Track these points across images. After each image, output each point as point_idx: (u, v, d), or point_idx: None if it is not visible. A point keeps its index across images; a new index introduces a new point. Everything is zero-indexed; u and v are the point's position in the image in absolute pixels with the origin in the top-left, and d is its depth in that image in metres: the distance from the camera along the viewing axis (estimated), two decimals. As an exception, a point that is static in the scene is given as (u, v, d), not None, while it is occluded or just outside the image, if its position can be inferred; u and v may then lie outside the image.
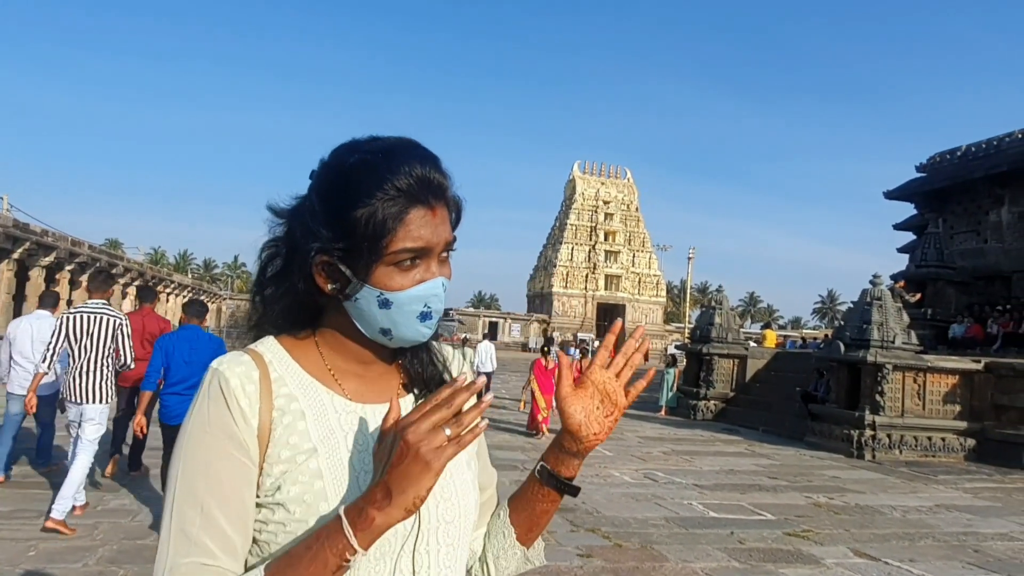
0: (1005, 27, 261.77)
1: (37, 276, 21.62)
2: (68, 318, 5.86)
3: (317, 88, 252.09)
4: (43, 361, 5.83)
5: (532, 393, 12.56)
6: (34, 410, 6.19)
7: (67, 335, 5.79)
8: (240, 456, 0.91)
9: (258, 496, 0.92)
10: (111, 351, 5.88)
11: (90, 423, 5.71)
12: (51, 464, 7.30)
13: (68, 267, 23.22)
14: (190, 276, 64.60)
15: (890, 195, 23.33)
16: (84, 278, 25.88)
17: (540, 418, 12.33)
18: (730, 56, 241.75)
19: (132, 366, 6.12)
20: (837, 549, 6.31)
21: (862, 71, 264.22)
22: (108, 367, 5.83)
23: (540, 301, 65.54)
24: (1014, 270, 18.89)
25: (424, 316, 0.97)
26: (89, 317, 5.87)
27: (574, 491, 1.10)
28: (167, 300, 37.71)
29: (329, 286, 0.97)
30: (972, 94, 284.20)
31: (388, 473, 0.83)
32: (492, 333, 59.36)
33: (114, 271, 27.42)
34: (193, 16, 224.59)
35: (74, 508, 5.57)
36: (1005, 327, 16.60)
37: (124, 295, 30.19)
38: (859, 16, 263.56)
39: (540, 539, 1.17)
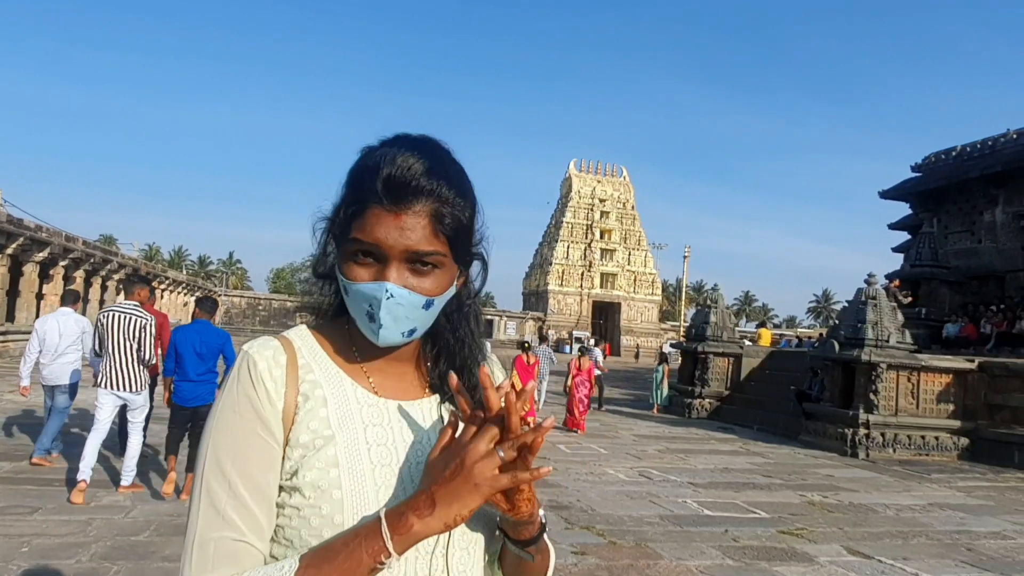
0: (1001, 27, 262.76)
1: (31, 272, 21.51)
2: (103, 316, 6.59)
3: (313, 85, 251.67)
4: (88, 351, 7.20)
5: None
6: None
7: (101, 330, 6.54)
8: (266, 436, 0.93)
9: (282, 477, 0.95)
10: (137, 347, 6.53)
11: (139, 409, 6.66)
12: (41, 456, 7.33)
13: (62, 263, 23.07)
14: (185, 273, 64.44)
15: (885, 195, 23.41)
16: (116, 278, 25.86)
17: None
18: (726, 55, 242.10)
19: (154, 361, 6.75)
20: (831, 547, 6.33)
21: (858, 70, 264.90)
22: (137, 360, 6.55)
23: (536, 299, 65.53)
24: (1008, 270, 18.97)
25: (369, 317, 0.96)
26: (121, 316, 6.52)
27: (540, 536, 1.01)
28: (162, 296, 37.61)
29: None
30: (968, 94, 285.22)
31: (438, 486, 0.86)
32: (488, 331, 59.34)
33: (109, 267, 27.31)
34: (188, 12, 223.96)
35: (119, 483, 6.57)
36: (999, 326, 16.67)
37: (119, 291, 30.10)
38: (855, 15, 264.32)
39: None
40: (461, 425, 0.93)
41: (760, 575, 5.43)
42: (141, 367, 6.55)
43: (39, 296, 22.58)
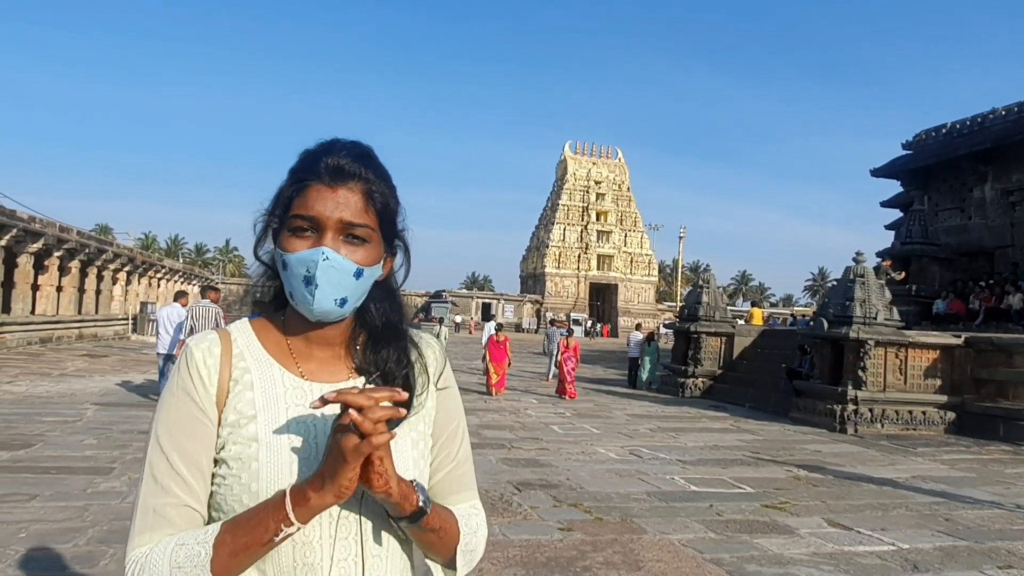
0: (992, 4, 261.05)
1: (25, 263, 21.50)
2: (192, 309, 10.38)
3: (308, 70, 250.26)
4: (181, 333, 10.46)
5: (486, 363, 15.63)
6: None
7: (191, 319, 10.12)
8: (199, 415, 1.08)
9: (215, 452, 1.09)
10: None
11: None
12: None
13: (57, 253, 23.07)
14: (181, 261, 64.39)
15: (877, 173, 23.49)
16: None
17: (492, 383, 15.37)
18: (720, 36, 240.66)
19: None
20: (812, 520, 6.48)
21: (850, 49, 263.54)
22: None
23: (533, 282, 65.63)
24: (997, 246, 19.11)
25: (307, 281, 1.06)
26: (204, 308, 10.25)
27: (418, 516, 1.08)
28: (158, 285, 37.67)
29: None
30: (958, 71, 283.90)
31: (324, 463, 0.99)
32: (486, 314, 59.51)
33: (104, 257, 27.33)
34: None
35: None
36: (987, 302, 16.82)
37: (115, 280, 30.15)
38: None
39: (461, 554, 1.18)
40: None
41: (741, 547, 5.58)
42: None
43: (35, 287, 22.60)
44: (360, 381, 1.16)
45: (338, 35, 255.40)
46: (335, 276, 1.07)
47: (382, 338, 1.18)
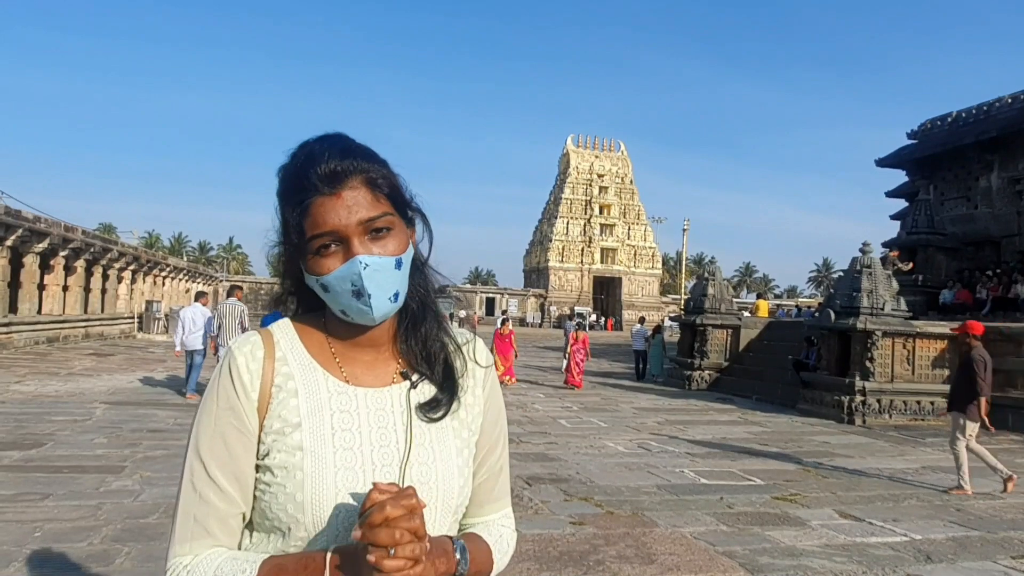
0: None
1: (31, 263, 21.52)
2: (220, 307, 11.52)
3: (310, 69, 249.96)
4: (211, 330, 11.61)
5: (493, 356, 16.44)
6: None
7: (219, 316, 11.33)
8: (238, 425, 1.06)
9: (258, 460, 1.07)
10: (239, 326, 11.04)
11: None
12: (192, 393, 11.63)
13: (62, 253, 23.08)
14: (185, 259, 64.49)
15: (882, 163, 23.38)
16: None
17: (499, 373, 15.21)
18: (723, 27, 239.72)
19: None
20: (823, 511, 6.48)
21: (854, 38, 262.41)
22: (242, 331, 9.40)
23: (536, 276, 65.62)
24: (1003, 235, 19.02)
25: (356, 294, 1.04)
26: (231, 307, 11.35)
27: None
28: (163, 284, 37.72)
29: (304, 275, 1.10)
30: (964, 60, 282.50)
31: (358, 558, 0.94)
32: (489, 309, 59.52)
33: (109, 256, 27.35)
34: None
35: None
36: (994, 291, 16.75)
37: (120, 279, 30.20)
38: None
39: None
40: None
41: (753, 539, 5.58)
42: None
43: (40, 287, 22.61)
44: (405, 386, 1.14)
45: (340, 33, 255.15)
46: (381, 278, 1.05)
47: (419, 317, 1.16)
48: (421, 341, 1.15)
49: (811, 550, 5.37)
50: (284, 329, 1.15)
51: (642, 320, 23.23)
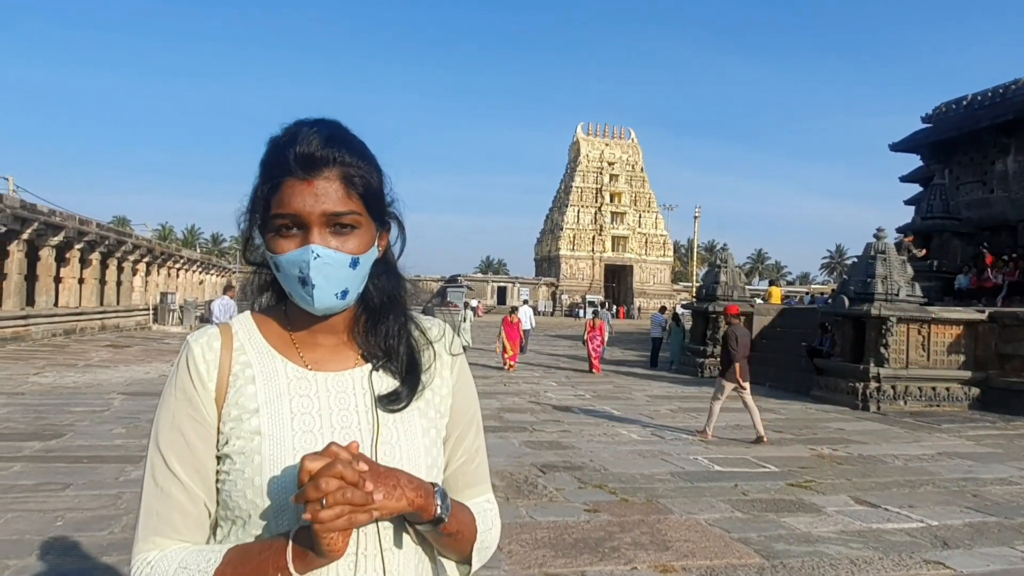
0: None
1: (47, 256, 21.72)
2: (213, 304, 11.33)
3: (321, 60, 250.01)
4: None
5: (503, 341, 17.51)
6: None
7: (211, 314, 11.27)
8: (195, 416, 1.06)
9: (217, 450, 1.06)
10: None
11: None
12: None
13: (78, 246, 23.28)
14: (199, 251, 64.84)
15: (896, 147, 23.15)
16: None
17: (506, 357, 17.28)
18: (733, 13, 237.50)
19: None
20: (838, 498, 6.47)
21: (866, 21, 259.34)
22: None
23: (548, 264, 65.53)
24: (1020, 219, 18.81)
25: (302, 282, 1.03)
26: (224, 305, 11.63)
27: (436, 523, 1.05)
28: (177, 275, 37.98)
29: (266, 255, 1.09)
30: (979, 43, 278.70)
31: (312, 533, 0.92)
32: (501, 298, 59.55)
33: (123, 248, 27.56)
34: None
35: None
36: (1010, 276, 16.60)
37: (135, 271, 30.42)
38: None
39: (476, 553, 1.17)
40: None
41: (768, 526, 5.58)
42: None
43: (56, 280, 22.83)
44: (367, 368, 1.13)
45: (350, 25, 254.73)
46: (330, 271, 1.03)
47: (381, 314, 1.15)
48: (381, 337, 1.14)
49: (827, 536, 5.36)
50: (243, 321, 1.15)
51: (663, 309, 23.18)
